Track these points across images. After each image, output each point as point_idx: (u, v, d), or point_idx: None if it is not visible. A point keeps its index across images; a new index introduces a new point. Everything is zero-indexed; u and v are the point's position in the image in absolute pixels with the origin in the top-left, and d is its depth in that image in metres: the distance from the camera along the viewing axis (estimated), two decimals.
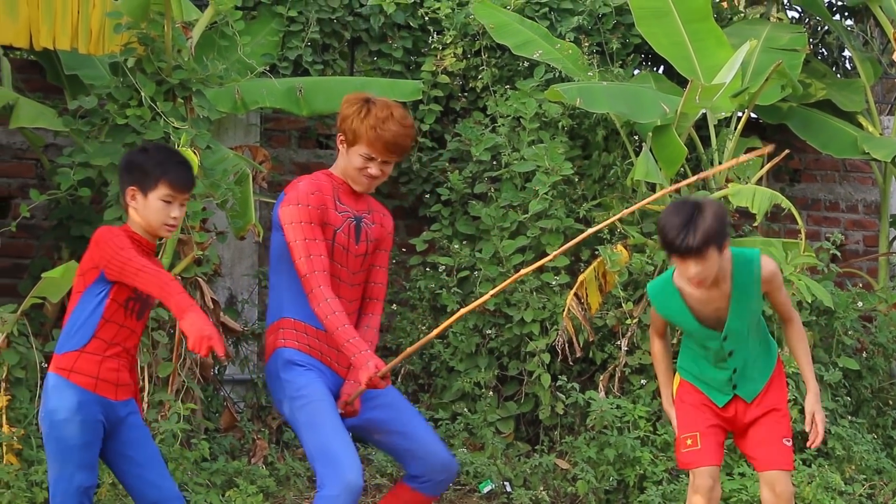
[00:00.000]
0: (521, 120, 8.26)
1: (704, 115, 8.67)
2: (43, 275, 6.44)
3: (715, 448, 5.14)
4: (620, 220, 8.04)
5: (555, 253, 5.00)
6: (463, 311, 4.87)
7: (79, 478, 4.58)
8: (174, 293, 4.43)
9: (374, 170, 4.94)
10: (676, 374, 5.34)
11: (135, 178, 4.74)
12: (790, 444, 5.14)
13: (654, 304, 5.20)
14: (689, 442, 5.17)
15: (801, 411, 6.78)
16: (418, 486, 5.01)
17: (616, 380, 7.74)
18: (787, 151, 8.18)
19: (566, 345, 7.59)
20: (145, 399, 6.79)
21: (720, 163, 8.59)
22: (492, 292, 4.90)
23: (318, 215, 4.88)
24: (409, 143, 4.97)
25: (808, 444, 5.17)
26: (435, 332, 4.85)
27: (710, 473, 5.11)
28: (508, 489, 7.33)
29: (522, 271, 4.91)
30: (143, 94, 6.92)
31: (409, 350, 4.92)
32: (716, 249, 4.80)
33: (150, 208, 4.73)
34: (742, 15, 9.98)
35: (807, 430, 5.13)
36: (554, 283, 7.89)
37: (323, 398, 4.82)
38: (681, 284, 5.04)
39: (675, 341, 6.49)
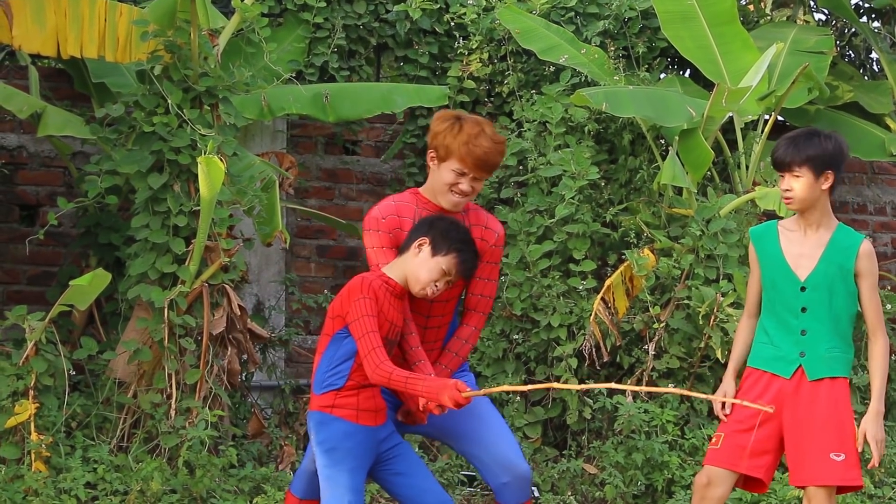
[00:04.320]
0: (547, 125, 8.25)
1: (731, 118, 8.67)
2: (71, 282, 6.48)
3: (733, 451, 5.11)
4: (647, 224, 8.04)
5: (508, 388, 5.00)
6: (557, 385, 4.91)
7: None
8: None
9: (465, 185, 4.96)
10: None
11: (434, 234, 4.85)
12: (841, 458, 5.05)
13: (754, 240, 5.27)
14: (713, 440, 5.22)
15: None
16: (494, 495, 5.08)
17: (644, 384, 7.71)
18: None
19: (593, 349, 7.57)
20: (173, 406, 6.81)
21: (747, 167, 8.58)
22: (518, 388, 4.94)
23: (390, 240, 4.95)
24: (499, 159, 5.00)
25: (869, 465, 5.14)
26: (540, 386, 4.90)
27: (710, 473, 5.13)
28: (536, 494, 7.31)
29: (511, 388, 4.96)
30: (169, 101, 6.94)
31: (500, 389, 4.93)
32: (812, 172, 5.01)
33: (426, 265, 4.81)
34: (768, 18, 9.95)
35: (860, 449, 5.09)
36: (581, 287, 7.87)
37: None
38: (782, 228, 5.18)
39: None
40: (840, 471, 5.03)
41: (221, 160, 6.55)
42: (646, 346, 7.75)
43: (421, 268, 4.78)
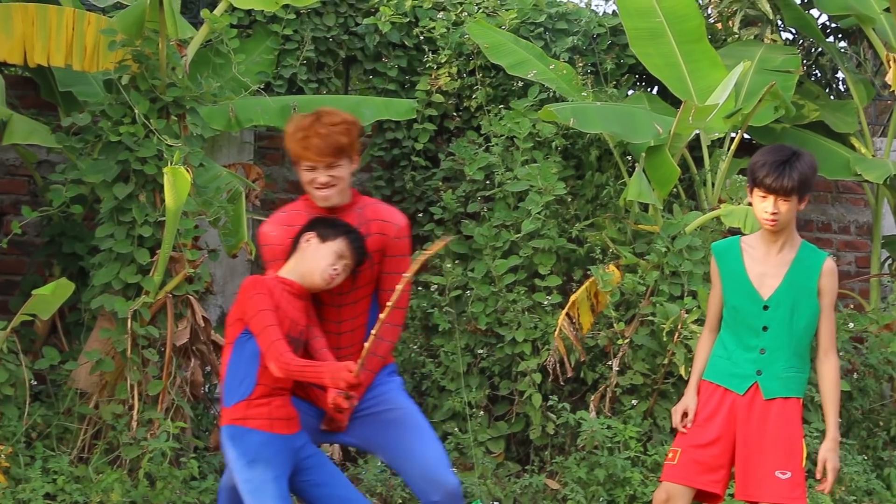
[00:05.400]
0: (514, 139, 8.28)
1: (698, 135, 8.70)
2: (34, 292, 6.46)
3: (690, 467, 5.14)
4: (612, 240, 8.06)
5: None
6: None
7: None
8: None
9: (322, 177, 4.87)
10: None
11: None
12: (787, 476, 5.08)
13: (716, 256, 5.27)
14: (670, 455, 5.23)
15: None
16: None
17: (607, 400, 7.73)
18: None
19: (557, 365, 7.59)
20: (135, 417, 6.79)
21: (713, 184, 8.61)
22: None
23: (283, 252, 4.88)
24: (343, 139, 4.87)
25: (817, 487, 5.16)
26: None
27: (668, 490, 5.16)
28: None
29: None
30: (136, 111, 6.93)
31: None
32: (798, 197, 5.02)
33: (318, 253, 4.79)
34: (736, 36, 10.00)
35: (817, 476, 5.11)
36: (546, 302, 7.89)
37: None
38: (745, 246, 5.19)
39: None
40: (785, 489, 5.06)
41: (188, 171, 6.53)
42: (610, 362, 7.77)
43: (315, 258, 4.76)
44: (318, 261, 4.77)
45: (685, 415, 5.25)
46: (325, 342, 4.91)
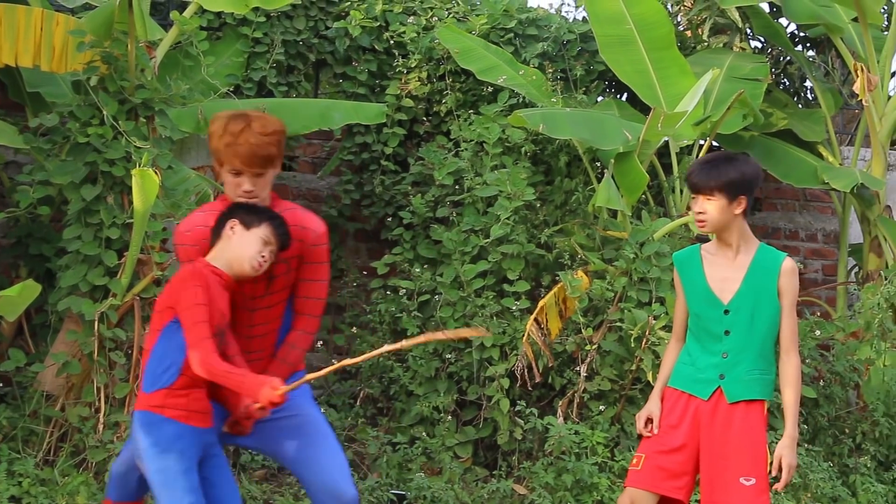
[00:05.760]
0: (484, 145, 8.28)
1: (667, 142, 8.72)
2: (0, 293, 6.41)
3: (654, 473, 5.17)
4: (581, 246, 8.07)
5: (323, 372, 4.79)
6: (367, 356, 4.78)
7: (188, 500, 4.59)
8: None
9: (246, 185, 4.81)
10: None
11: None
12: (751, 482, 5.10)
13: (677, 266, 5.34)
14: (634, 461, 5.26)
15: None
16: None
17: (575, 405, 7.74)
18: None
19: (525, 370, 7.59)
20: (101, 420, 6.75)
21: (682, 191, 8.64)
22: (362, 357, 4.81)
23: (198, 252, 4.83)
24: (273, 150, 4.80)
25: (775, 486, 5.18)
26: (344, 363, 4.76)
27: (632, 495, 5.18)
28: None
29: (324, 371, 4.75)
30: (105, 112, 6.90)
31: (315, 375, 4.73)
32: (725, 196, 5.07)
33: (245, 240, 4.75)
34: (705, 44, 10.03)
35: (774, 474, 5.13)
36: (514, 307, 7.89)
37: None
38: (705, 253, 5.25)
39: None
40: (749, 496, 5.07)
41: (156, 173, 6.50)
42: (578, 368, 7.78)
43: (241, 245, 4.71)
44: (244, 248, 4.71)
45: (649, 421, 5.28)
46: (237, 347, 4.83)
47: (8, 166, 7.88)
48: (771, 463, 5.13)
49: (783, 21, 10.11)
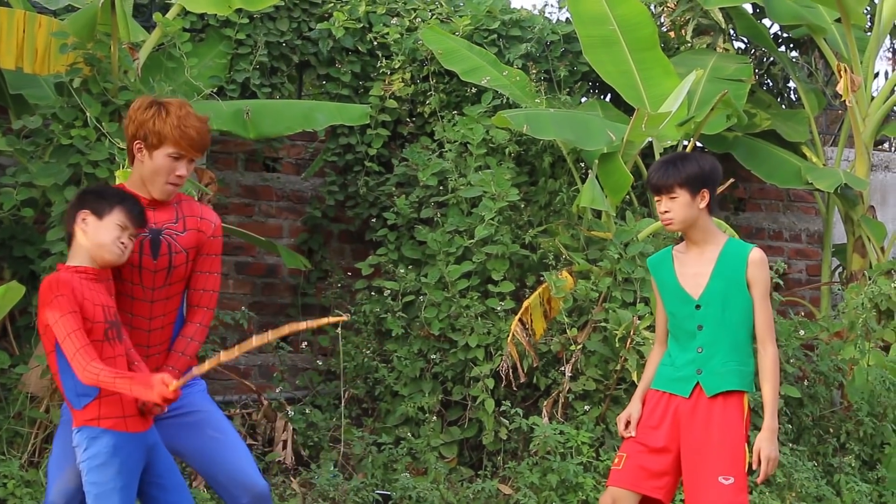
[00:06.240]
0: (468, 145, 8.28)
1: (650, 143, 8.74)
2: None
3: (635, 472, 5.19)
4: (566, 246, 8.08)
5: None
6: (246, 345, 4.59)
7: None
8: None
9: (182, 170, 4.82)
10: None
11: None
12: (730, 481, 5.10)
13: (650, 269, 5.40)
14: (616, 460, 5.29)
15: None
16: None
17: (560, 405, 7.74)
18: (732, 181, 8.28)
19: (510, 370, 7.59)
20: None
21: None
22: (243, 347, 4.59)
23: None
24: (209, 137, 4.89)
25: (757, 479, 5.19)
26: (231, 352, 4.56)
27: (613, 494, 5.20)
28: None
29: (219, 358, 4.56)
30: (88, 114, 6.89)
31: (209, 364, 4.58)
32: (688, 193, 5.12)
33: (100, 230, 4.66)
34: (689, 45, 10.06)
35: (754, 467, 5.14)
36: (499, 308, 7.89)
37: None
38: (676, 253, 5.29)
39: None
40: (728, 495, 5.08)
41: None
42: (562, 368, 7.78)
43: (97, 235, 4.62)
44: (101, 238, 4.62)
45: (629, 423, 5.30)
46: (131, 342, 4.76)
47: None
48: (751, 456, 5.15)
49: (766, 22, 10.14)
